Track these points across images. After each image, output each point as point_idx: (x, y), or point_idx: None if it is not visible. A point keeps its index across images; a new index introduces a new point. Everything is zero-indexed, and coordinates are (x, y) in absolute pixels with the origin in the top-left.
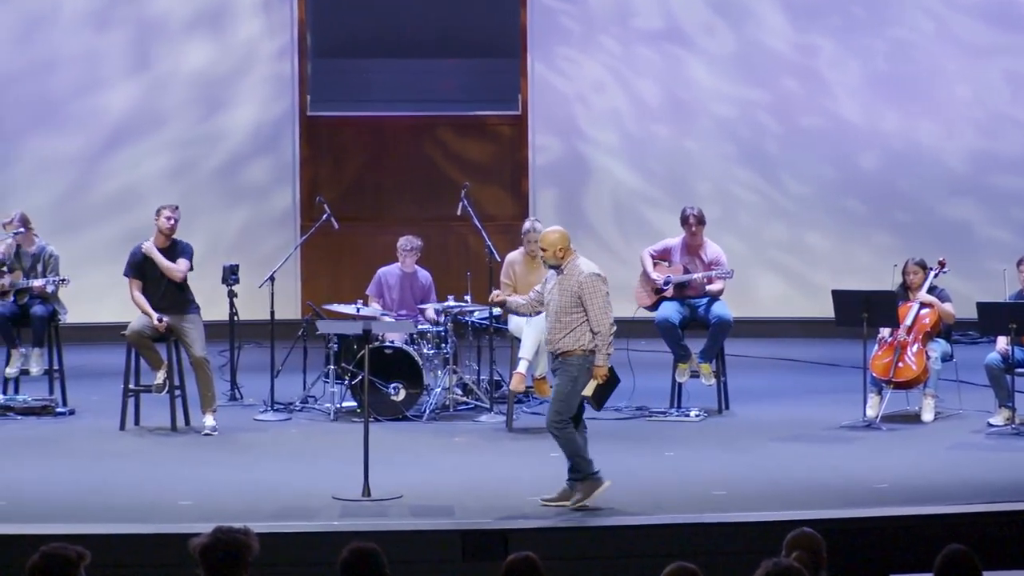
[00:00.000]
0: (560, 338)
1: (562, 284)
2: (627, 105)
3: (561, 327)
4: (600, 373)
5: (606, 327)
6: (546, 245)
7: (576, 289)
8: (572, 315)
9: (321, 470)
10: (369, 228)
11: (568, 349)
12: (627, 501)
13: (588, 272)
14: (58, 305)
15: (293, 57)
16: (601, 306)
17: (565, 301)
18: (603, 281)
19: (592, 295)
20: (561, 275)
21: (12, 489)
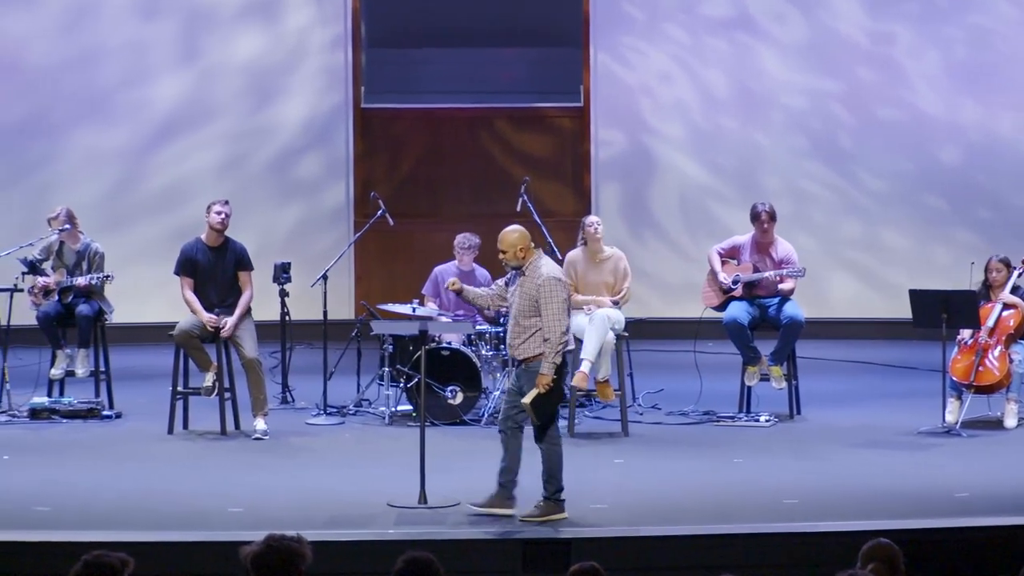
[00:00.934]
0: (519, 344)
1: (522, 286)
2: (694, 96)
3: (520, 331)
4: (543, 382)
5: (557, 335)
6: (505, 246)
7: (534, 292)
8: (531, 319)
9: (375, 476)
10: (425, 224)
11: (529, 355)
12: (694, 510)
13: (547, 275)
14: (104, 303)
15: (346, 47)
16: (556, 312)
17: (524, 304)
18: (563, 287)
19: (548, 299)
20: (522, 277)
21: (56, 495)
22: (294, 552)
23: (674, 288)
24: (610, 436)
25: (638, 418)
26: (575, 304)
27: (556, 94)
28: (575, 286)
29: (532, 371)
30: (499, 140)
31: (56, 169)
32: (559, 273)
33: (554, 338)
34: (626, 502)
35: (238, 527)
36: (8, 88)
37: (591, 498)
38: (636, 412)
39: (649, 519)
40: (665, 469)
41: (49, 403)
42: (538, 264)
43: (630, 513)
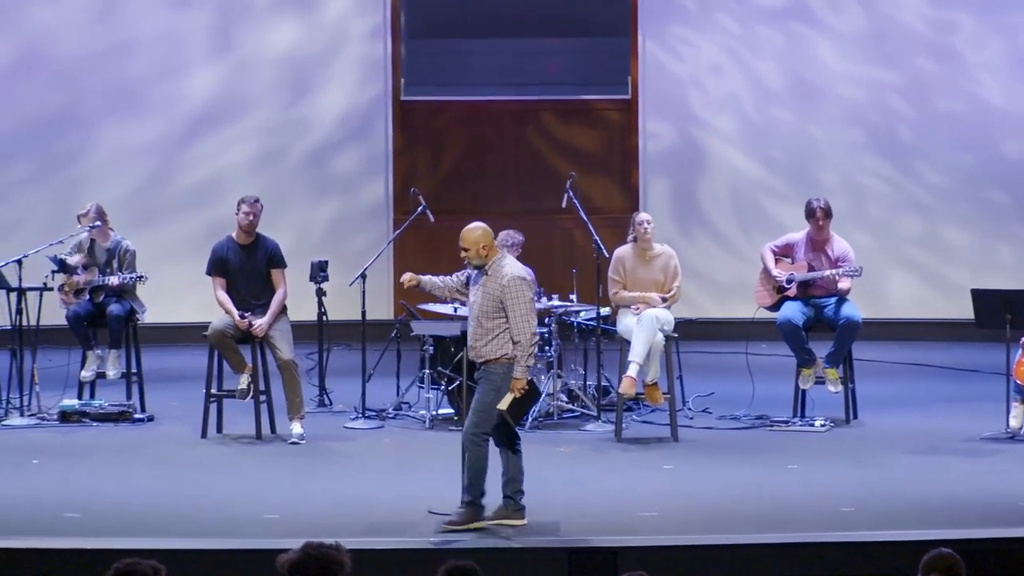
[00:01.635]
0: (481, 345)
1: (485, 286)
2: (746, 88)
3: (482, 332)
4: (518, 386)
5: (527, 336)
6: (467, 243)
7: (499, 292)
8: (494, 320)
9: (416, 482)
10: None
11: (492, 357)
12: (746, 517)
13: (512, 275)
14: (136, 303)
15: (386, 38)
16: (523, 313)
17: (487, 305)
18: (528, 286)
19: (515, 300)
20: (485, 276)
21: (87, 500)
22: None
23: (725, 287)
24: (659, 441)
25: (688, 422)
26: (622, 301)
27: (603, 86)
28: (623, 283)
29: (493, 373)
30: (544, 134)
31: (86, 165)
32: (524, 272)
33: (524, 340)
34: (676, 510)
35: (274, 534)
36: (37, 81)
37: (639, 505)
38: (686, 416)
39: (699, 527)
40: (716, 475)
41: (79, 406)
42: (502, 263)
43: (680, 521)
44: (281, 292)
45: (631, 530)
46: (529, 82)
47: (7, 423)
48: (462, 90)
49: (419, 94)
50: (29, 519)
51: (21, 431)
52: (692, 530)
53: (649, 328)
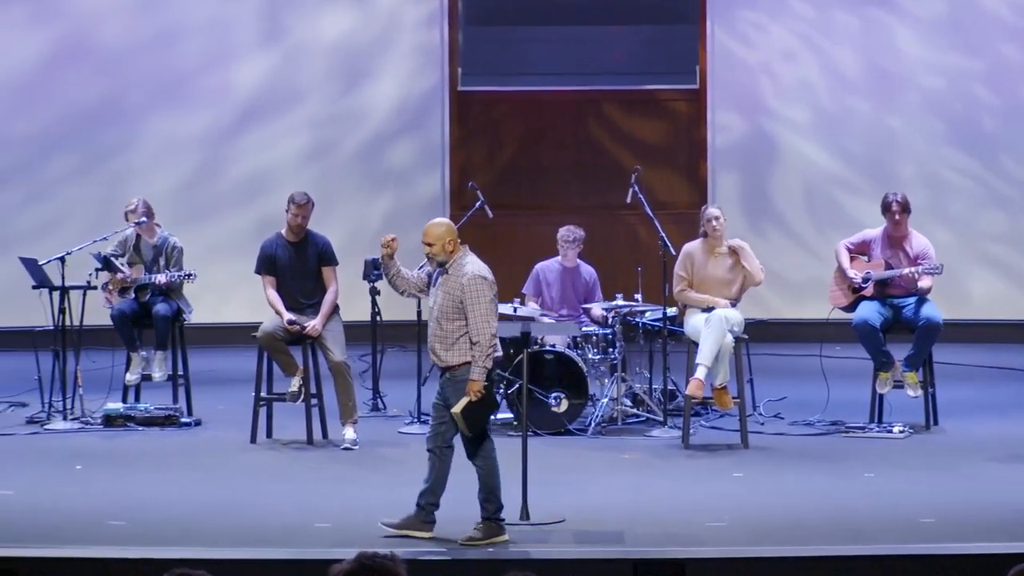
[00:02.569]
0: (443, 350)
1: (445, 285)
2: (821, 77)
3: (443, 335)
4: (474, 389)
5: (486, 338)
6: (432, 239)
7: (458, 292)
8: (455, 322)
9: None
10: (527, 217)
11: (456, 363)
12: (820, 528)
13: (473, 274)
14: (183, 303)
15: (442, 24)
16: (483, 313)
17: (447, 305)
18: (489, 286)
19: (475, 300)
20: (445, 275)
21: (133, 508)
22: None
23: (798, 287)
24: (728, 448)
25: (759, 428)
26: (688, 301)
27: (670, 75)
28: (689, 281)
29: (459, 379)
30: (607, 125)
31: (130, 158)
32: (486, 272)
33: (483, 341)
34: (746, 519)
35: (326, 544)
36: (80, 71)
37: (708, 515)
38: (757, 422)
39: (771, 538)
40: (788, 484)
41: (124, 409)
42: (463, 262)
43: (750, 531)
44: (333, 291)
45: (699, 541)
46: (592, 71)
47: (50, 427)
48: (522, 80)
49: (477, 84)
50: (72, 527)
51: (64, 435)
52: (763, 541)
53: (718, 329)
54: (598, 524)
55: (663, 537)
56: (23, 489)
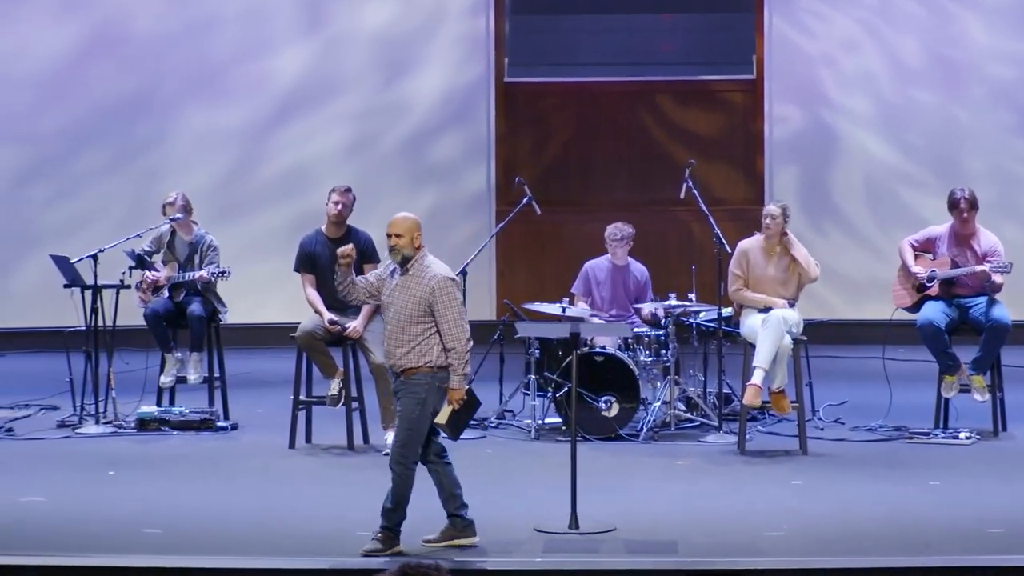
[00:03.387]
0: (403, 353)
1: (407, 286)
2: (883, 67)
3: (404, 339)
4: (457, 397)
5: (462, 342)
6: (402, 230)
7: (426, 295)
8: (419, 325)
9: (521, 497)
10: (576, 214)
11: (413, 366)
12: (882, 538)
13: (442, 275)
14: (218, 302)
15: (488, 13)
16: (457, 317)
17: (411, 308)
18: (458, 287)
19: (446, 303)
20: (406, 275)
21: (168, 515)
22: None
23: (860, 286)
24: (787, 454)
25: (818, 434)
26: (744, 301)
27: (725, 65)
28: (745, 280)
29: (415, 385)
30: (660, 118)
31: (165, 152)
32: (451, 272)
33: (459, 347)
34: (805, 529)
35: None
36: (112, 62)
37: (765, 524)
38: (816, 427)
39: (831, 548)
40: (849, 492)
41: (158, 413)
42: (427, 262)
43: (809, 541)
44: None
45: (756, 551)
46: (644, 61)
47: (82, 431)
48: (571, 70)
49: (524, 75)
50: (106, 534)
51: (96, 440)
52: (823, 552)
53: (776, 330)
54: (650, 533)
55: (718, 547)
56: (54, 495)
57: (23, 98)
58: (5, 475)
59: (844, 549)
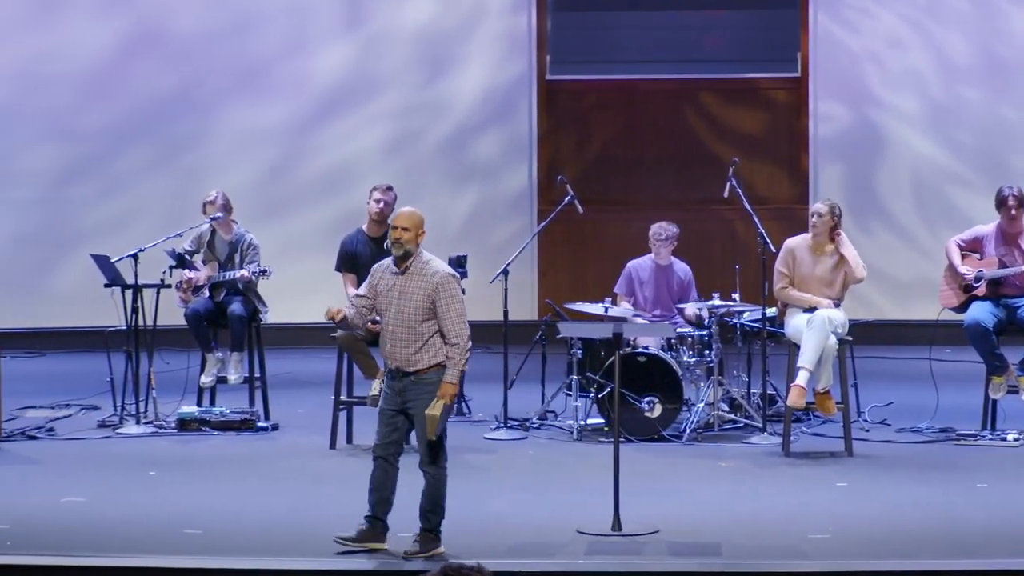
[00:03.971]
0: (411, 353)
1: (407, 286)
2: (930, 64)
3: (411, 338)
4: (452, 392)
5: (464, 339)
6: (410, 224)
7: (430, 292)
8: (425, 323)
9: (563, 499)
10: (619, 213)
11: (425, 366)
12: (929, 541)
13: (445, 272)
14: (259, 302)
15: (530, 10)
16: (459, 313)
17: (416, 307)
18: (459, 283)
19: (450, 299)
20: (404, 274)
21: (208, 516)
22: None
23: (906, 286)
24: (832, 456)
25: (864, 435)
26: (788, 300)
27: (769, 63)
28: (790, 278)
29: (430, 383)
30: (704, 116)
31: (205, 151)
32: (451, 269)
33: (462, 342)
34: (850, 531)
35: None
36: (152, 60)
37: (809, 526)
38: (862, 428)
39: (877, 551)
40: (895, 494)
41: (199, 413)
42: (425, 259)
43: (855, 544)
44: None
45: (800, 553)
46: (687, 59)
47: (122, 431)
48: (613, 68)
49: (566, 72)
50: (146, 535)
51: (137, 440)
52: (868, 554)
53: (821, 331)
54: (694, 535)
55: (762, 549)
56: (95, 496)
57: (65, 96)
58: (46, 475)
59: (890, 552)
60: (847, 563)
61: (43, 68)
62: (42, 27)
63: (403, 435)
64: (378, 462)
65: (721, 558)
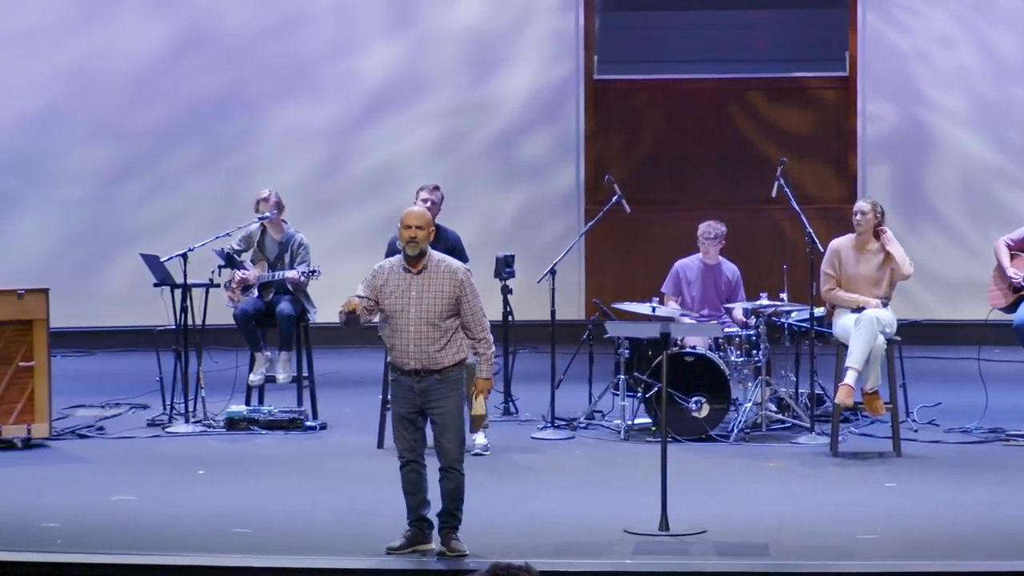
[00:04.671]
0: (437, 351)
1: (427, 284)
2: (980, 63)
3: (436, 336)
4: (488, 387)
5: (488, 331)
6: (422, 223)
7: (453, 288)
8: (448, 319)
9: (610, 499)
10: (666, 212)
11: (450, 363)
12: (978, 542)
13: (461, 267)
14: (307, 302)
15: (577, 10)
16: (481, 306)
17: (439, 304)
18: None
19: (474, 294)
20: (421, 273)
21: (257, 515)
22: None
23: (955, 286)
24: (880, 456)
25: (912, 436)
26: (836, 301)
27: (817, 62)
28: (837, 279)
29: (455, 381)
30: (751, 115)
31: (253, 151)
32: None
33: (488, 335)
34: (899, 532)
35: None
36: (201, 60)
37: (858, 527)
38: (910, 428)
39: (926, 552)
40: (944, 495)
41: (247, 412)
42: (437, 258)
43: (904, 545)
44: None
45: (849, 554)
46: (735, 58)
47: (171, 430)
48: (661, 67)
49: (614, 72)
50: (195, 534)
51: (186, 439)
52: (917, 555)
53: (869, 331)
54: (742, 536)
55: (810, 550)
56: (145, 495)
57: (114, 96)
58: (96, 474)
59: (939, 553)
60: (895, 564)
61: (93, 68)
62: (92, 27)
63: (424, 433)
64: (409, 466)
65: (769, 558)
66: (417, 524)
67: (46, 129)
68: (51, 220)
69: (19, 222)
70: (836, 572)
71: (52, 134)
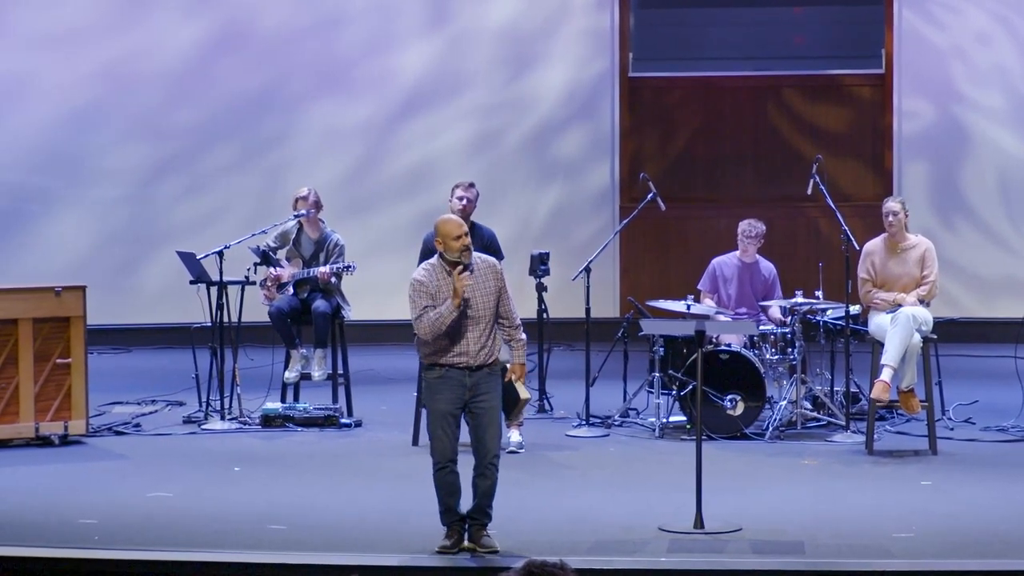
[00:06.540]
0: (491, 344)
1: (480, 281)
2: (1017, 60)
3: (490, 331)
4: (525, 371)
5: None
6: (465, 228)
7: (496, 283)
8: (493, 314)
9: (645, 496)
10: (701, 210)
11: (496, 356)
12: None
13: (493, 260)
14: (342, 300)
15: (613, 8)
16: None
17: (491, 300)
18: None
19: (505, 284)
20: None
21: (292, 512)
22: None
23: (991, 284)
24: (916, 454)
25: (948, 434)
26: (881, 305)
27: (853, 59)
28: (874, 282)
29: (497, 372)
30: (787, 112)
31: (291, 149)
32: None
33: (520, 322)
34: (935, 531)
35: None
36: (239, 59)
37: (894, 525)
38: (946, 427)
39: (963, 551)
40: (980, 493)
41: (283, 409)
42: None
43: (940, 543)
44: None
45: (885, 552)
46: (770, 55)
47: (207, 427)
48: (696, 65)
49: (649, 69)
50: (231, 530)
51: (222, 436)
52: (954, 554)
53: (905, 328)
54: (777, 534)
55: (846, 548)
56: (182, 491)
57: (152, 95)
58: (133, 471)
59: (975, 551)
60: (931, 562)
61: (131, 67)
62: (130, 27)
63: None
64: (448, 467)
65: (804, 557)
66: (460, 523)
67: (84, 128)
68: (89, 218)
69: (57, 220)
70: (872, 571)
71: (90, 133)
